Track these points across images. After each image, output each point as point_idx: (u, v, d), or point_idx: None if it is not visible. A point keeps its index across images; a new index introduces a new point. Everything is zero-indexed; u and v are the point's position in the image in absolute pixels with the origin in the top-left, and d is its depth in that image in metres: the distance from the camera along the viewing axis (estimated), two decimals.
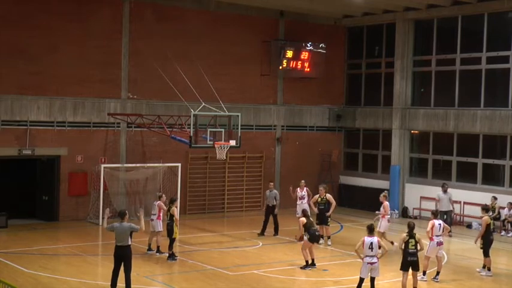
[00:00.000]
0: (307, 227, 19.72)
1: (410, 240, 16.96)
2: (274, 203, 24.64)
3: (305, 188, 24.50)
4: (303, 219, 19.93)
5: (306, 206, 23.55)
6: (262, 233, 24.71)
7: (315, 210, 23.33)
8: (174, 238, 20.48)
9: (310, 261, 19.74)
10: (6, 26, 25.35)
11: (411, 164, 31.14)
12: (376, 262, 16.46)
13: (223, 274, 19.01)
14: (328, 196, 23.37)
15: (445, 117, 29.22)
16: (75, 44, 26.50)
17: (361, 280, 16.57)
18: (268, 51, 30.88)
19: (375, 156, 32.65)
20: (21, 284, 16.20)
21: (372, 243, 16.41)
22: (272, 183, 25.63)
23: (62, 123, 26.43)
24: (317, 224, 22.35)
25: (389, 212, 22.77)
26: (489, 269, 19.72)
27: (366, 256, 16.43)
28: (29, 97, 25.74)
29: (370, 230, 16.72)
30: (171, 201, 20.77)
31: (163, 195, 21.72)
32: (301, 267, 19.75)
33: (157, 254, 20.95)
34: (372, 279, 16.59)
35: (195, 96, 24.60)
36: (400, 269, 17.15)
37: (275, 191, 25.03)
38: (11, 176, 26.86)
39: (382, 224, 22.50)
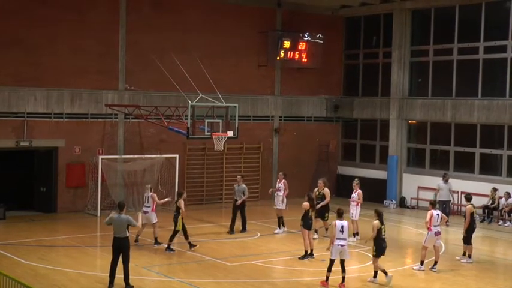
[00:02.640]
0: (305, 214, 19.86)
1: (382, 227, 17.36)
2: (242, 198, 23.48)
3: (283, 181, 23.65)
4: (307, 204, 19.93)
5: (284, 199, 23.55)
6: (232, 230, 23.33)
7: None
8: (178, 230, 20.46)
9: (309, 252, 19.79)
10: (4, 17, 25.26)
11: (409, 154, 31.14)
12: (345, 244, 17.00)
13: (222, 265, 19.03)
14: (325, 191, 22.65)
15: (443, 107, 29.22)
16: (73, 36, 26.43)
17: (332, 261, 16.89)
18: (266, 41, 30.81)
19: (372, 146, 32.64)
20: (20, 276, 16.17)
21: (342, 226, 16.99)
22: (240, 177, 23.86)
23: (59, 114, 26.39)
24: (315, 218, 22.36)
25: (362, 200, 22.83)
26: (470, 256, 19.87)
27: (337, 239, 16.90)
28: (26, 88, 25.68)
29: (340, 214, 17.28)
30: (179, 195, 20.77)
31: (152, 187, 21.78)
32: (299, 258, 19.79)
33: (155, 245, 20.96)
34: (342, 262, 16.94)
35: (192, 87, 24.55)
36: (377, 256, 17.31)
37: (243, 185, 23.68)
38: (9, 168, 26.78)
39: (356, 212, 22.53)
